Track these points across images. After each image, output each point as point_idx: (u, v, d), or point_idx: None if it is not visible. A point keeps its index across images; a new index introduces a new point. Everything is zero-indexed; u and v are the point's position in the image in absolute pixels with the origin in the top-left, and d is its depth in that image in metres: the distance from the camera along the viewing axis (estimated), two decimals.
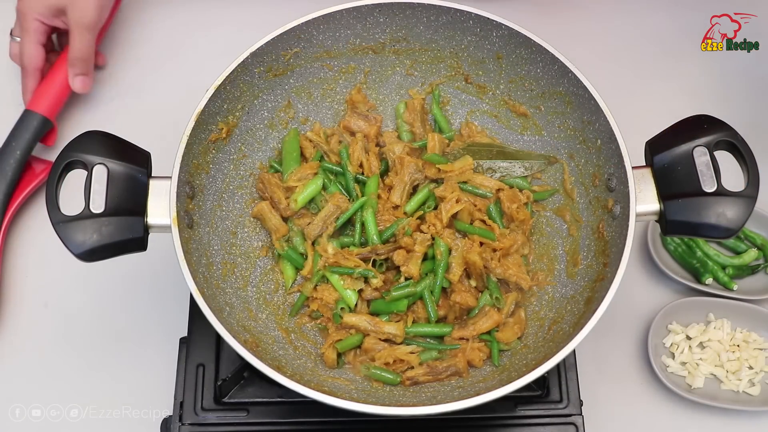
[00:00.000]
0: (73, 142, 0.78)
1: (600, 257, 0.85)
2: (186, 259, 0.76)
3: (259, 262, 0.93)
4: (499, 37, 0.90)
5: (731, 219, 0.76)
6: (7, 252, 1.02)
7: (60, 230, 0.74)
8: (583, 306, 0.82)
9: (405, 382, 0.85)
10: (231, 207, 0.92)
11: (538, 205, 0.95)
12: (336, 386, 0.83)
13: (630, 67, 1.17)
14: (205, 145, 0.87)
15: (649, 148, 0.82)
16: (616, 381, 0.97)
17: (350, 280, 0.88)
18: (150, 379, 0.95)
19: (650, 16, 1.21)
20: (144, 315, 0.99)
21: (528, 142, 0.97)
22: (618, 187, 0.83)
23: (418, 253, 0.87)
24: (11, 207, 1.01)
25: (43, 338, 0.98)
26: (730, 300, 1.00)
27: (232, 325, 0.79)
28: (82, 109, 1.12)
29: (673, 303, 0.98)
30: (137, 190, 0.77)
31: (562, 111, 0.91)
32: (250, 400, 0.86)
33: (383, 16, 0.91)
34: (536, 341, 0.86)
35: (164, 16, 1.19)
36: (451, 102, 0.99)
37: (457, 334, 0.87)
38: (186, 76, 1.11)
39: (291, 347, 0.87)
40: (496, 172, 0.95)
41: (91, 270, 0.82)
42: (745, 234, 1.04)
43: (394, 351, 0.86)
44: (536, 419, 0.86)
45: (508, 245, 0.89)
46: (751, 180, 0.78)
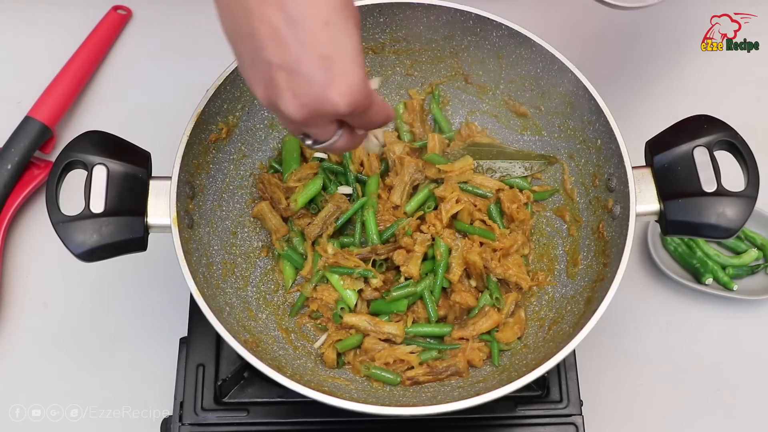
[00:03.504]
0: (73, 142, 0.78)
1: (600, 257, 0.85)
2: (186, 259, 0.76)
3: (259, 262, 0.93)
4: (499, 37, 0.90)
5: (731, 219, 0.76)
6: (7, 252, 1.02)
7: (60, 230, 0.74)
8: (583, 306, 0.82)
9: (405, 382, 0.85)
10: (231, 207, 0.92)
11: (538, 205, 0.95)
12: (336, 386, 0.83)
13: (630, 67, 1.17)
14: (205, 145, 0.87)
15: (649, 148, 0.82)
16: (616, 381, 0.97)
17: (350, 280, 0.88)
18: (150, 379, 0.95)
19: (650, 16, 1.21)
20: (144, 315, 0.99)
21: (528, 142, 0.97)
22: (618, 187, 0.83)
23: (418, 253, 0.87)
24: (10, 208, 1.01)
25: (43, 338, 0.98)
26: (730, 300, 1.00)
27: (232, 325, 0.79)
28: (82, 109, 1.12)
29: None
30: (137, 190, 0.77)
31: (562, 111, 0.91)
32: (250, 400, 0.86)
33: (383, 16, 0.91)
34: (536, 341, 0.86)
35: (164, 15, 1.19)
36: (451, 102, 0.99)
37: (457, 334, 0.87)
38: (186, 76, 1.11)
39: (291, 347, 0.87)
40: (496, 172, 0.95)
41: (91, 270, 0.82)
42: (745, 234, 1.04)
43: (394, 351, 0.86)
44: (536, 419, 0.86)
45: (508, 245, 0.89)
46: (751, 180, 0.78)
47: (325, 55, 0.58)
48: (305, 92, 0.59)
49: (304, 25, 0.58)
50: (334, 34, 0.59)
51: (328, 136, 0.65)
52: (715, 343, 1.00)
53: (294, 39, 0.58)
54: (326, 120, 0.62)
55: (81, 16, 1.16)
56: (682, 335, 1.00)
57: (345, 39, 0.59)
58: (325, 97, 0.59)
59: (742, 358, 0.99)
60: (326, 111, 0.60)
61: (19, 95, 1.10)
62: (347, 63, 0.59)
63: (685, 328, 1.01)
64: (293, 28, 0.58)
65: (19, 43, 1.17)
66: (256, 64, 0.60)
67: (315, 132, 0.64)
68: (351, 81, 0.59)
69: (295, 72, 0.59)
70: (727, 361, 0.99)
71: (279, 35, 0.58)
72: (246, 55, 0.61)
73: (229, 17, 0.61)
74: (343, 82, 0.59)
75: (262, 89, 0.61)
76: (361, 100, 0.60)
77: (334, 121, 0.64)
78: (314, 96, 0.59)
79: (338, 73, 0.59)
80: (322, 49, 0.58)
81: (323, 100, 0.59)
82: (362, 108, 0.61)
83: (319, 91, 0.59)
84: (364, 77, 0.60)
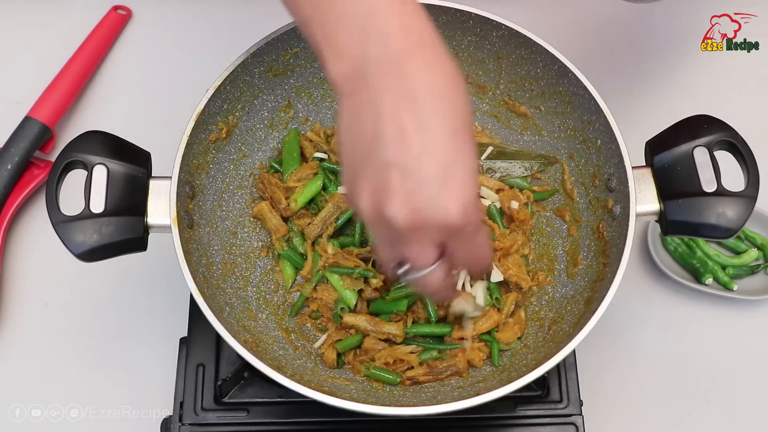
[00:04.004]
0: (73, 142, 0.78)
1: (600, 257, 0.85)
2: (186, 259, 0.76)
3: (259, 262, 0.93)
4: (499, 37, 0.90)
5: (731, 219, 0.76)
6: (7, 252, 1.02)
7: (60, 230, 0.74)
8: (583, 306, 0.82)
9: (405, 382, 0.85)
10: (231, 207, 0.92)
11: (538, 205, 0.95)
12: (336, 386, 0.83)
13: (630, 67, 1.17)
14: (205, 145, 0.87)
15: (649, 148, 0.82)
16: (616, 381, 0.97)
17: (350, 280, 0.88)
18: (150, 379, 0.95)
19: (650, 15, 1.21)
20: (144, 315, 0.99)
21: (528, 142, 0.97)
22: (618, 187, 0.83)
23: None
24: (10, 208, 1.01)
25: (43, 338, 0.98)
26: (730, 300, 1.00)
27: (232, 325, 0.79)
28: (82, 109, 1.12)
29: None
30: (137, 190, 0.77)
31: (562, 111, 0.91)
32: (250, 400, 0.86)
33: None
34: (536, 341, 0.86)
35: (164, 15, 1.19)
36: None
37: (457, 334, 0.87)
38: (186, 76, 1.11)
39: (291, 347, 0.87)
40: (496, 172, 0.95)
41: (91, 270, 0.81)
42: (745, 234, 1.04)
43: (394, 351, 0.86)
44: (536, 419, 0.86)
45: (509, 245, 0.89)
46: (751, 180, 0.78)
47: (447, 163, 0.57)
48: (419, 194, 0.57)
49: (434, 131, 0.57)
50: (460, 145, 0.58)
51: (427, 262, 0.62)
52: (715, 343, 1.00)
53: (420, 141, 0.57)
54: (431, 235, 0.59)
55: (81, 16, 1.16)
56: (682, 335, 1.00)
57: (468, 152, 0.58)
58: (440, 202, 0.57)
59: (742, 358, 0.99)
60: (437, 219, 0.57)
61: (19, 95, 1.09)
62: (467, 174, 0.58)
63: (685, 328, 1.01)
64: (421, 132, 0.57)
65: (19, 43, 1.17)
66: (370, 165, 0.58)
67: (416, 252, 0.61)
68: (468, 191, 0.58)
69: (412, 172, 0.56)
70: (727, 361, 0.99)
71: (405, 136, 0.57)
72: (360, 157, 0.59)
73: (355, 118, 0.59)
74: (460, 191, 0.57)
75: (369, 193, 0.58)
76: (474, 214, 0.59)
77: (436, 245, 0.61)
78: (428, 200, 0.57)
79: (457, 180, 0.57)
80: (445, 156, 0.57)
81: (437, 205, 0.57)
82: (472, 226, 0.59)
83: (434, 195, 0.57)
84: (478, 194, 0.59)
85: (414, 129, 0.57)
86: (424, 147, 0.57)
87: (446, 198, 0.57)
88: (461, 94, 0.59)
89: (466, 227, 0.58)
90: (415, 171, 0.56)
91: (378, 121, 0.57)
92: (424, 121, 0.57)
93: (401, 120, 0.57)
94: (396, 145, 0.57)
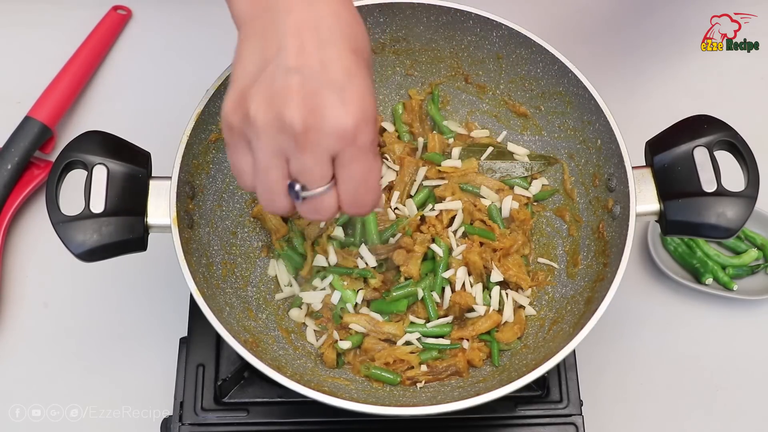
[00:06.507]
0: (73, 142, 0.78)
1: (600, 257, 0.85)
2: (186, 259, 0.76)
3: (259, 262, 0.93)
4: (499, 37, 0.90)
5: (731, 219, 0.76)
6: (7, 252, 1.02)
7: (60, 230, 0.74)
8: (583, 306, 0.82)
9: (405, 382, 0.85)
10: (231, 207, 0.92)
11: (538, 205, 0.95)
12: (336, 386, 0.83)
13: (630, 67, 1.17)
14: (205, 145, 0.87)
15: (649, 148, 0.82)
16: (616, 381, 0.97)
17: (350, 280, 0.88)
18: (150, 379, 0.95)
19: (650, 15, 1.21)
20: (144, 315, 0.99)
21: (528, 142, 0.97)
22: (618, 187, 0.83)
23: (418, 253, 0.87)
24: (10, 208, 1.01)
25: (43, 338, 0.98)
26: (730, 300, 1.00)
27: (232, 325, 0.79)
28: (82, 109, 1.12)
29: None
30: (137, 190, 0.77)
31: (562, 111, 0.91)
32: (250, 400, 0.86)
33: (383, 16, 0.91)
34: (536, 341, 0.86)
35: (164, 15, 1.19)
36: (451, 102, 0.99)
37: (456, 334, 0.87)
38: (186, 76, 1.11)
39: (291, 347, 0.87)
40: (496, 172, 0.95)
41: (91, 270, 0.82)
42: (745, 234, 1.04)
43: (394, 351, 0.86)
44: (536, 419, 0.86)
45: (509, 245, 0.89)
46: (751, 180, 0.78)
47: (348, 72, 0.59)
48: (318, 96, 0.58)
49: (336, 46, 0.60)
50: (360, 63, 0.61)
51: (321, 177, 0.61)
52: (715, 343, 1.00)
53: (323, 52, 0.59)
54: (326, 142, 0.59)
55: (81, 16, 1.16)
56: (682, 335, 1.00)
57: (366, 71, 0.62)
58: (338, 104, 0.58)
59: (742, 358, 0.99)
60: (332, 122, 0.58)
61: (19, 95, 1.10)
62: (365, 88, 0.60)
63: (685, 328, 1.01)
64: (324, 46, 0.60)
65: (19, 43, 1.17)
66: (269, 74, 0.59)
67: (310, 163, 0.60)
68: (366, 102, 0.60)
69: (313, 76, 0.58)
70: (727, 361, 0.99)
71: (308, 48, 0.59)
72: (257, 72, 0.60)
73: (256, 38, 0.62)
74: (358, 98, 0.59)
75: (265, 99, 0.59)
76: (368, 129, 0.60)
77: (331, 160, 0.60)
78: (326, 101, 0.58)
79: (356, 88, 0.59)
80: (346, 66, 0.60)
81: (335, 106, 0.58)
82: (365, 139, 0.60)
83: (333, 98, 0.58)
84: (376, 113, 0.61)
85: (317, 44, 0.59)
86: (326, 56, 0.59)
87: (344, 101, 0.58)
88: (362, 27, 0.63)
89: (358, 137, 0.59)
90: (316, 76, 0.58)
91: (282, 38, 0.59)
92: (326, 38, 0.60)
93: (304, 36, 0.59)
94: (299, 54, 0.59)
